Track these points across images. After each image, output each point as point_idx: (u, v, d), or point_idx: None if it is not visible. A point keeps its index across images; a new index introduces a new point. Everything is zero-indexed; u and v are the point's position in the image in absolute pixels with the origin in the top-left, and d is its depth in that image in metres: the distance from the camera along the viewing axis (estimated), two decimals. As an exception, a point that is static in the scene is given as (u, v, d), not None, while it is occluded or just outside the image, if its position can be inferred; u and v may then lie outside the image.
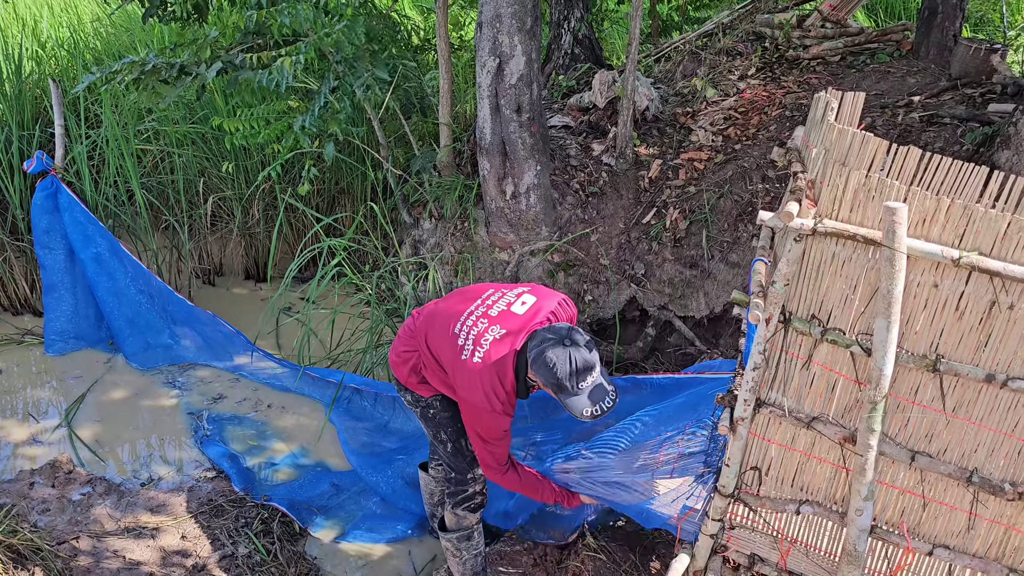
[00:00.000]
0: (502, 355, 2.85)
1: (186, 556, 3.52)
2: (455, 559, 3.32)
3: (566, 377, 2.71)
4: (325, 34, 4.04)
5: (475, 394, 2.85)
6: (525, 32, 4.31)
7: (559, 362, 2.71)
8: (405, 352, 3.16)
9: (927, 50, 5.52)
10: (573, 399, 2.76)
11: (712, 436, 2.92)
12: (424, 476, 3.63)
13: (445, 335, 2.97)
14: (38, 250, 4.85)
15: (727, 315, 4.57)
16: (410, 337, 3.16)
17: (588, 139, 5.21)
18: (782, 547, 2.76)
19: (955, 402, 2.33)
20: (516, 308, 2.96)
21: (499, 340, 2.87)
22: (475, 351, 2.86)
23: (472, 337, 2.89)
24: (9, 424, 4.50)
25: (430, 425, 3.22)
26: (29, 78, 5.93)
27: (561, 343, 2.75)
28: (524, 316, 2.94)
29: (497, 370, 2.84)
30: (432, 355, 3.04)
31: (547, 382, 2.76)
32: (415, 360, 3.12)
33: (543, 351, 2.75)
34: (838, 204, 2.18)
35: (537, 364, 2.76)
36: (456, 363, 2.90)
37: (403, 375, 3.17)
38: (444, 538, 3.31)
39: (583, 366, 2.73)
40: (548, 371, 2.72)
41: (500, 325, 2.90)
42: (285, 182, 5.57)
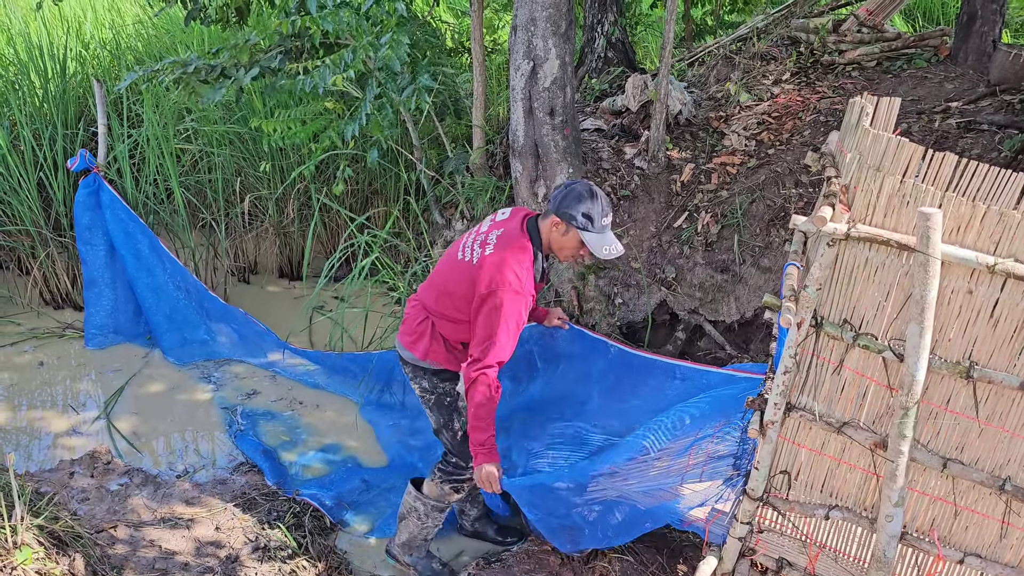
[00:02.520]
0: (512, 235, 3.02)
1: (219, 547, 3.58)
2: (418, 521, 3.44)
3: (597, 210, 2.99)
4: (369, 44, 4.09)
5: (498, 274, 2.95)
6: (559, 35, 4.34)
7: (588, 195, 2.99)
8: (418, 325, 3.22)
9: (965, 56, 5.46)
10: (597, 237, 3.01)
11: (742, 439, 2.92)
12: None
13: (450, 273, 3.12)
14: (80, 246, 4.97)
15: (758, 320, 4.56)
16: (417, 311, 3.25)
17: (620, 142, 5.23)
18: (810, 552, 2.76)
19: (989, 410, 2.32)
20: (501, 217, 3.17)
21: (502, 235, 3.04)
22: (484, 249, 3.03)
23: (477, 247, 3.07)
24: (50, 415, 4.61)
25: (443, 412, 3.29)
26: (73, 78, 6.07)
27: (586, 184, 3.04)
28: (513, 215, 3.14)
29: (512, 246, 3.00)
30: (445, 300, 3.13)
31: (577, 215, 2.97)
32: (430, 326, 3.19)
33: (571, 190, 3.01)
34: (872, 209, 2.19)
35: (567, 201, 2.98)
36: (471, 271, 3.03)
37: (422, 349, 3.21)
38: (419, 499, 3.40)
39: (607, 202, 3.05)
40: (580, 203, 2.97)
41: (496, 229, 3.09)
42: (320, 182, 5.64)
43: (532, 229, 3.07)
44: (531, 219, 3.11)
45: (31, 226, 5.40)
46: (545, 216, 3.08)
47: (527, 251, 3.01)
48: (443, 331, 3.20)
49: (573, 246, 3.06)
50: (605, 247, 3.02)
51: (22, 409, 4.65)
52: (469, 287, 3.03)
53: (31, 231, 5.41)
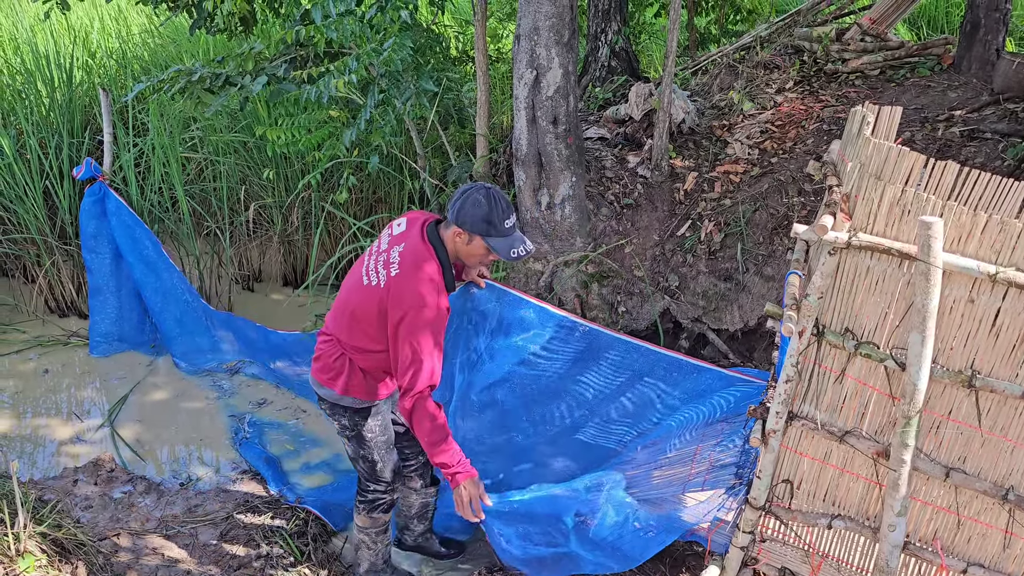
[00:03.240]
0: (415, 250, 2.89)
1: (222, 555, 3.59)
2: (370, 550, 3.46)
3: (496, 213, 2.84)
4: (373, 50, 4.11)
5: (410, 295, 2.82)
6: (562, 45, 4.35)
7: (485, 200, 2.84)
8: (335, 362, 3.09)
9: (969, 64, 5.47)
10: (502, 240, 2.89)
11: (744, 448, 2.92)
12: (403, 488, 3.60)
13: (359, 301, 2.98)
14: (85, 254, 4.99)
15: (761, 328, 4.56)
16: (331, 347, 3.11)
17: (624, 151, 5.24)
18: (813, 561, 2.75)
19: (991, 419, 2.31)
20: (398, 230, 3.02)
21: (405, 251, 2.90)
22: (389, 271, 2.89)
23: (381, 268, 2.93)
24: (54, 423, 4.62)
25: (363, 446, 3.22)
26: (79, 87, 6.11)
27: (481, 188, 2.88)
28: (410, 225, 3.00)
29: (418, 262, 2.86)
30: (358, 332, 3.01)
31: (477, 222, 2.84)
32: (347, 362, 3.07)
33: (468, 197, 2.86)
34: (873, 218, 2.19)
35: (464, 209, 2.84)
36: (379, 296, 2.90)
37: (341, 385, 3.09)
38: (361, 531, 3.42)
39: (507, 203, 2.89)
40: (478, 209, 2.83)
41: (397, 244, 2.94)
42: (324, 190, 5.66)
43: (434, 239, 2.93)
44: (431, 227, 2.97)
45: (37, 234, 5.42)
46: (447, 225, 2.95)
47: (434, 263, 2.89)
48: (362, 365, 3.07)
49: (480, 253, 2.95)
50: (513, 249, 2.91)
51: (26, 416, 4.66)
52: (380, 314, 2.91)
53: (37, 239, 5.44)
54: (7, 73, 6.32)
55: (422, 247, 2.90)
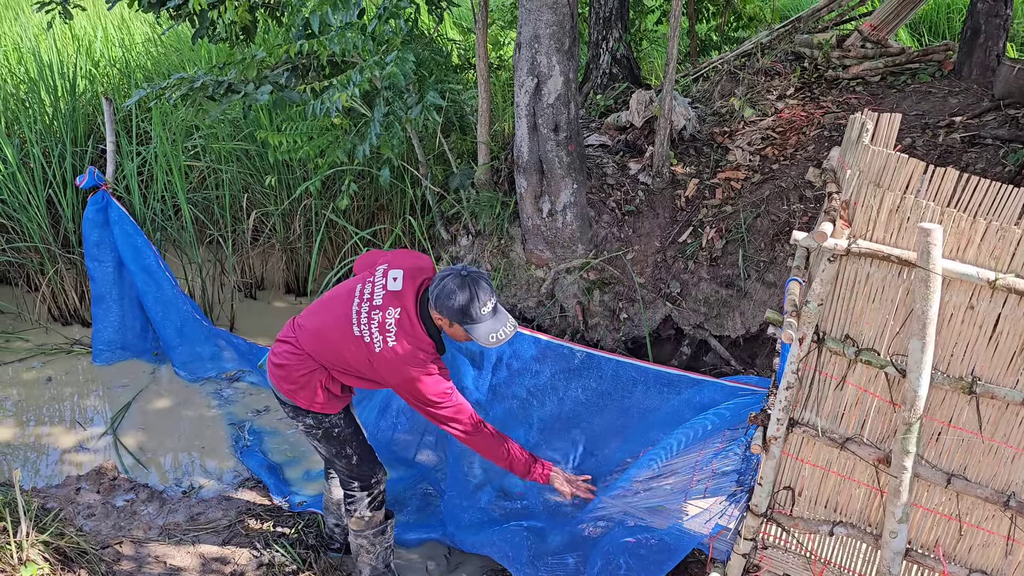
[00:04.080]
0: (410, 326, 2.95)
1: (225, 563, 3.59)
2: (369, 554, 3.44)
3: (469, 303, 2.87)
4: (376, 63, 4.13)
5: (408, 371, 2.93)
6: (563, 52, 4.37)
7: (459, 290, 2.88)
8: (303, 376, 3.12)
9: (969, 70, 5.47)
10: (479, 327, 2.91)
11: (745, 455, 2.92)
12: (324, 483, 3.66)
13: (347, 342, 3.02)
14: (88, 262, 5.00)
15: (763, 335, 4.56)
16: (302, 361, 3.13)
17: (625, 158, 5.25)
18: (815, 568, 2.75)
19: (992, 426, 2.31)
20: (393, 286, 3.04)
21: (400, 322, 2.95)
22: (386, 338, 2.94)
23: (375, 329, 2.97)
24: (57, 431, 4.63)
25: (334, 444, 3.25)
26: (83, 96, 6.14)
27: (458, 275, 2.92)
28: (406, 286, 3.03)
29: (413, 340, 2.94)
30: (341, 367, 3.09)
31: (453, 312, 2.88)
32: (322, 378, 3.12)
33: (444, 286, 2.90)
34: (872, 225, 2.19)
35: (440, 299, 2.89)
36: (374, 357, 2.97)
37: (306, 400, 3.14)
38: (355, 536, 3.41)
39: (482, 290, 2.90)
40: (452, 300, 2.87)
41: (392, 306, 2.98)
42: (325, 197, 5.68)
43: (425, 315, 3.00)
44: (423, 301, 3.02)
45: (40, 242, 5.44)
46: (432, 305, 2.98)
47: (427, 340, 2.98)
48: (344, 381, 3.16)
49: (462, 335, 2.99)
50: (492, 335, 2.92)
51: (29, 425, 4.67)
52: (372, 369, 3.01)
53: (40, 247, 5.46)
54: (11, 82, 6.36)
55: (418, 324, 2.98)
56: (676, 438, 3.35)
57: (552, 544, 3.55)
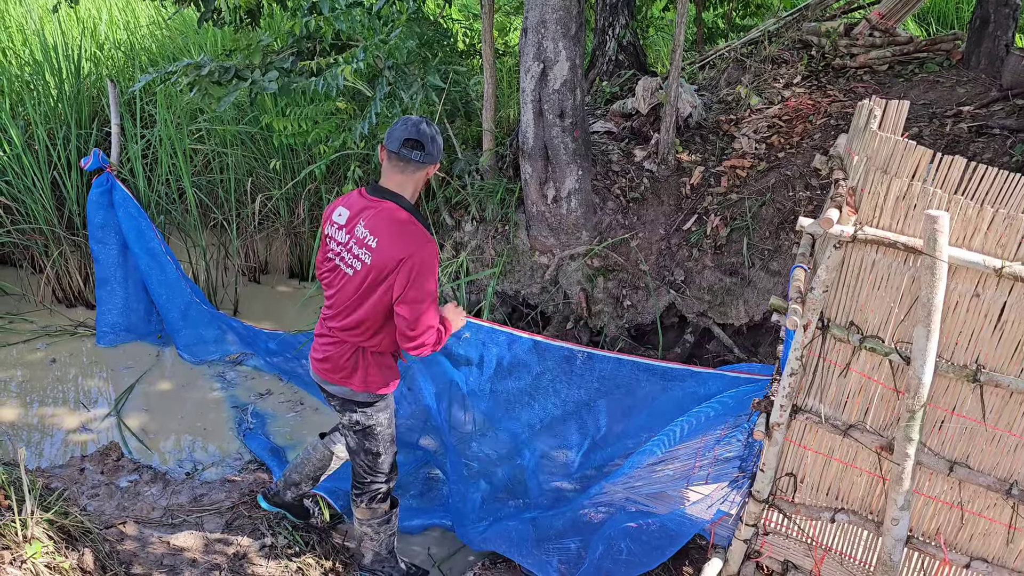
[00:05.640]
0: (381, 214, 2.93)
1: (227, 544, 3.60)
2: (373, 541, 3.45)
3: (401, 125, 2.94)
4: (381, 41, 4.12)
5: (401, 247, 2.86)
6: (569, 38, 4.35)
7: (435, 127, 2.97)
8: (347, 361, 3.11)
9: (978, 60, 5.44)
10: None
11: (748, 441, 2.92)
12: (323, 451, 3.60)
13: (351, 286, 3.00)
14: (92, 245, 5.01)
15: (767, 323, 4.56)
16: (341, 348, 3.11)
17: (630, 145, 5.23)
18: (816, 555, 2.76)
19: (996, 415, 2.31)
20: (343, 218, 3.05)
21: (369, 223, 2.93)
22: (367, 246, 2.92)
23: (360, 249, 2.95)
24: (61, 412, 4.65)
25: (370, 441, 3.24)
26: (87, 78, 6.12)
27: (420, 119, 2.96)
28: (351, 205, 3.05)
29: (391, 219, 2.91)
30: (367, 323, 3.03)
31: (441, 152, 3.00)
32: (361, 356, 3.10)
33: (434, 134, 2.95)
34: (879, 212, 2.19)
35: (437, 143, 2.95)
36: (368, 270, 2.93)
37: (359, 381, 3.12)
38: (362, 524, 3.41)
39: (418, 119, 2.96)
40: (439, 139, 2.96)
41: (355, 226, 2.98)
42: (330, 181, 5.67)
43: (386, 194, 2.97)
44: (370, 190, 3.02)
45: (44, 225, 5.45)
46: (418, 168, 2.96)
47: (403, 212, 2.95)
48: (377, 347, 3.10)
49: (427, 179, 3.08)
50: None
51: (34, 406, 4.69)
52: (379, 284, 2.94)
53: (44, 230, 5.46)
54: (16, 64, 6.35)
55: (382, 206, 2.95)
56: (679, 425, 3.35)
57: (554, 529, 3.57)
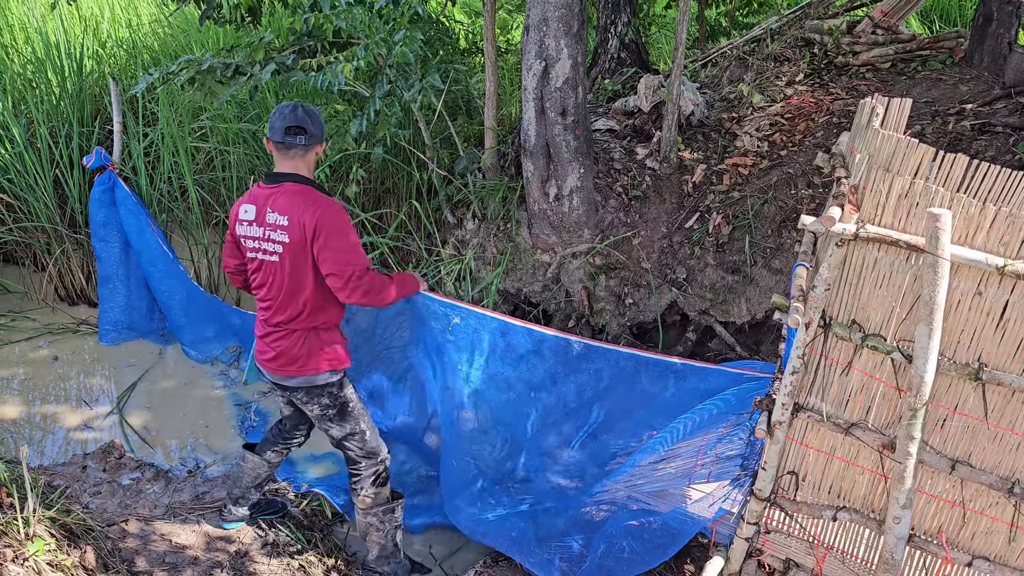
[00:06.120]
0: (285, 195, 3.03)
1: (229, 542, 3.61)
2: (379, 532, 3.46)
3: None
4: (381, 39, 4.11)
5: (311, 214, 2.97)
6: (571, 36, 4.34)
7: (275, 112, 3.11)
8: (302, 348, 3.16)
9: (980, 58, 5.43)
10: None
11: (749, 440, 2.92)
12: (255, 460, 3.63)
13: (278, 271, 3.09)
14: (95, 242, 5.01)
15: (769, 321, 4.55)
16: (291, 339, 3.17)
17: (632, 143, 5.23)
18: (818, 553, 2.75)
19: (998, 413, 2.31)
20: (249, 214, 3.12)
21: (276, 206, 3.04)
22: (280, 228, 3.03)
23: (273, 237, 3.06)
24: (64, 410, 4.65)
25: (349, 420, 3.30)
26: (90, 76, 6.12)
27: (295, 105, 3.09)
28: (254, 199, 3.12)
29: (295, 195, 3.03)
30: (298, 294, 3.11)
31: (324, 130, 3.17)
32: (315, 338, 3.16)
33: (315, 115, 3.10)
34: (881, 210, 2.19)
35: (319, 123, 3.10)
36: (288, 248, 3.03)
37: (315, 363, 3.17)
38: (365, 514, 3.43)
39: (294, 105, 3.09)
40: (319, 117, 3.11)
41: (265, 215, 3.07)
42: (333, 180, 5.67)
43: (287, 177, 3.07)
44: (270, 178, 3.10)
45: (47, 223, 5.45)
46: (306, 150, 3.08)
47: (304, 186, 3.07)
48: (328, 323, 3.18)
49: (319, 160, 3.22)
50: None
51: (36, 404, 4.70)
52: (304, 256, 3.03)
53: (47, 228, 5.47)
54: (18, 62, 6.35)
55: (283, 188, 3.06)
56: (681, 423, 3.35)
57: (556, 527, 3.56)
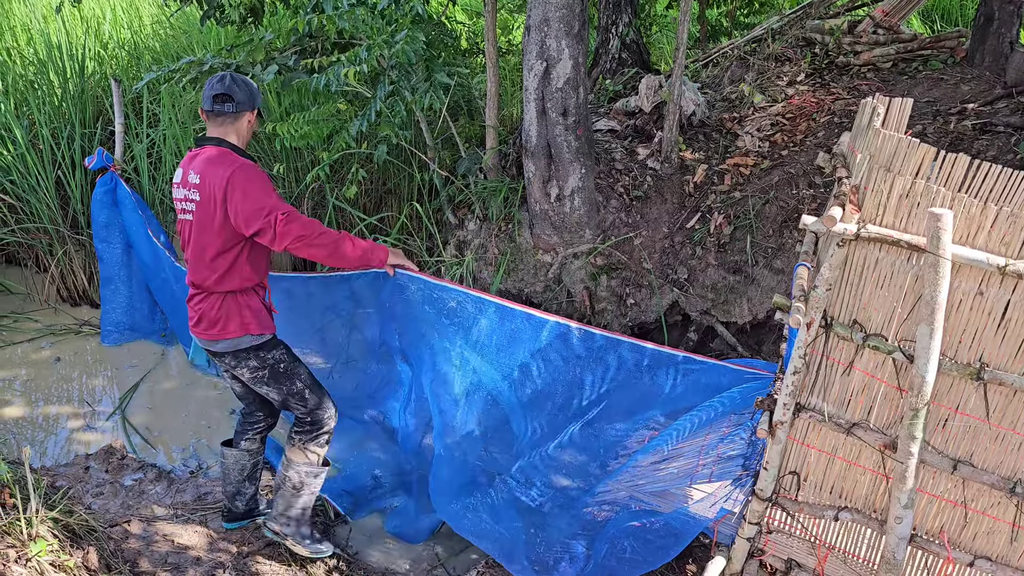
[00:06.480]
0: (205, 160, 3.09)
1: (232, 543, 3.61)
2: (296, 490, 3.41)
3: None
4: (384, 42, 4.12)
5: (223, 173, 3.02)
6: (572, 36, 4.34)
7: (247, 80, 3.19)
8: (219, 311, 3.17)
9: (982, 57, 5.42)
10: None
11: (751, 440, 2.92)
12: (234, 453, 3.62)
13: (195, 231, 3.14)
14: (96, 243, 5.02)
15: (770, 321, 4.55)
16: (208, 303, 3.19)
17: (633, 143, 5.23)
18: (819, 553, 2.75)
19: (1000, 412, 2.31)
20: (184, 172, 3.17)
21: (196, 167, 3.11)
22: (195, 188, 3.09)
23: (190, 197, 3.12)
24: (66, 410, 4.66)
25: (283, 381, 3.29)
26: (91, 77, 6.13)
27: (227, 74, 3.16)
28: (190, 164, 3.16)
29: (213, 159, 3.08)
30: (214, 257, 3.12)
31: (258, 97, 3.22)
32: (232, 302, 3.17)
33: (243, 82, 3.16)
34: (882, 210, 2.19)
35: (252, 90, 3.17)
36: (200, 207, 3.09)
37: (235, 326, 3.18)
38: (294, 469, 3.38)
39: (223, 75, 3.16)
40: (251, 85, 3.18)
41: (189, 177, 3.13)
42: (334, 181, 5.68)
43: (213, 142, 3.13)
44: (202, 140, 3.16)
45: (49, 223, 5.46)
46: (235, 118, 3.15)
47: (223, 150, 3.11)
48: (243, 285, 3.18)
49: (253, 128, 3.26)
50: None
51: (39, 404, 4.70)
52: (215, 216, 3.06)
53: (49, 228, 5.48)
54: (20, 63, 6.36)
55: (204, 151, 3.13)
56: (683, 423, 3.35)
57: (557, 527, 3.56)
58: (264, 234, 3.02)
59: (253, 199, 3.00)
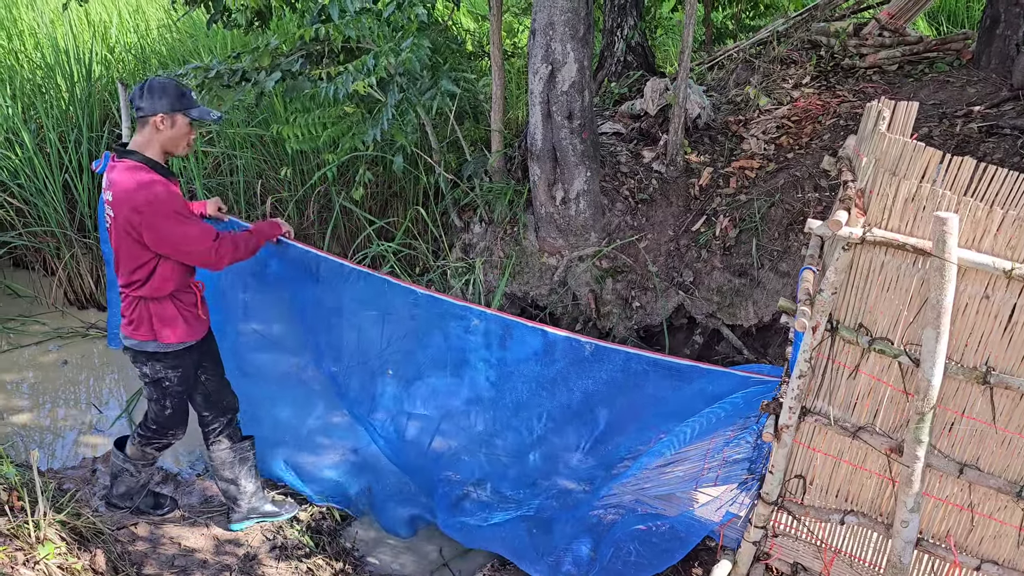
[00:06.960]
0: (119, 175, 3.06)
1: (238, 545, 3.62)
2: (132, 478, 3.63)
3: (181, 87, 3.10)
4: (391, 50, 4.13)
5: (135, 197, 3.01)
6: (578, 39, 4.35)
7: (165, 81, 3.09)
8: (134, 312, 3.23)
9: (988, 60, 5.41)
10: (198, 110, 3.15)
11: (757, 443, 2.92)
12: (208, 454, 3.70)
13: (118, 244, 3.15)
14: (103, 247, 5.02)
15: (776, 324, 4.55)
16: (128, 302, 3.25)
17: (639, 146, 5.23)
18: (825, 557, 2.75)
19: (1006, 417, 2.30)
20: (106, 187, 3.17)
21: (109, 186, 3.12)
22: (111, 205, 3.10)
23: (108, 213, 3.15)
24: (73, 413, 4.68)
25: (159, 391, 3.38)
26: (98, 81, 6.16)
27: (153, 81, 3.08)
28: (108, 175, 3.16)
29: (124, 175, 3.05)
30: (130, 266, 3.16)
31: (175, 100, 3.07)
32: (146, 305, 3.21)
33: (151, 87, 3.05)
34: (888, 213, 2.18)
35: (155, 96, 3.04)
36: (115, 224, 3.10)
37: (144, 331, 3.23)
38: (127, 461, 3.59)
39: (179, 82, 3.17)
40: (167, 89, 3.05)
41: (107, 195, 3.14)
42: (340, 183, 5.69)
43: (124, 155, 3.10)
44: (121, 152, 3.13)
45: (56, 227, 5.49)
46: (142, 126, 3.09)
47: (134, 164, 3.07)
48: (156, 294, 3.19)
49: (184, 133, 3.14)
50: (210, 114, 3.19)
51: (46, 407, 4.72)
52: (129, 235, 3.08)
53: (56, 232, 5.50)
54: (28, 68, 6.39)
55: (120, 163, 3.10)
56: (688, 427, 3.35)
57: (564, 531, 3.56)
58: (203, 266, 3.20)
59: (172, 241, 3.09)
